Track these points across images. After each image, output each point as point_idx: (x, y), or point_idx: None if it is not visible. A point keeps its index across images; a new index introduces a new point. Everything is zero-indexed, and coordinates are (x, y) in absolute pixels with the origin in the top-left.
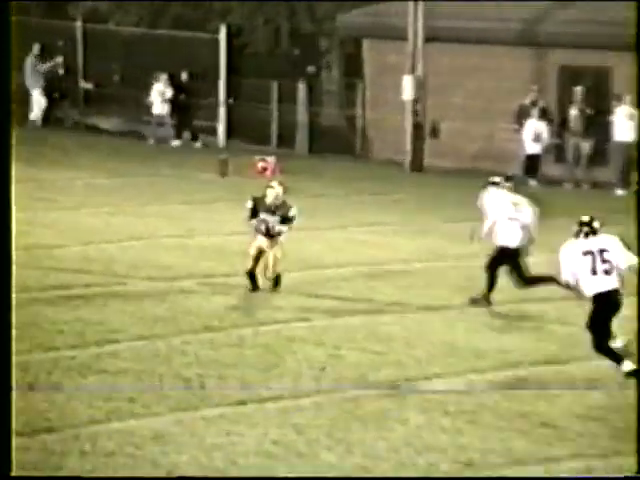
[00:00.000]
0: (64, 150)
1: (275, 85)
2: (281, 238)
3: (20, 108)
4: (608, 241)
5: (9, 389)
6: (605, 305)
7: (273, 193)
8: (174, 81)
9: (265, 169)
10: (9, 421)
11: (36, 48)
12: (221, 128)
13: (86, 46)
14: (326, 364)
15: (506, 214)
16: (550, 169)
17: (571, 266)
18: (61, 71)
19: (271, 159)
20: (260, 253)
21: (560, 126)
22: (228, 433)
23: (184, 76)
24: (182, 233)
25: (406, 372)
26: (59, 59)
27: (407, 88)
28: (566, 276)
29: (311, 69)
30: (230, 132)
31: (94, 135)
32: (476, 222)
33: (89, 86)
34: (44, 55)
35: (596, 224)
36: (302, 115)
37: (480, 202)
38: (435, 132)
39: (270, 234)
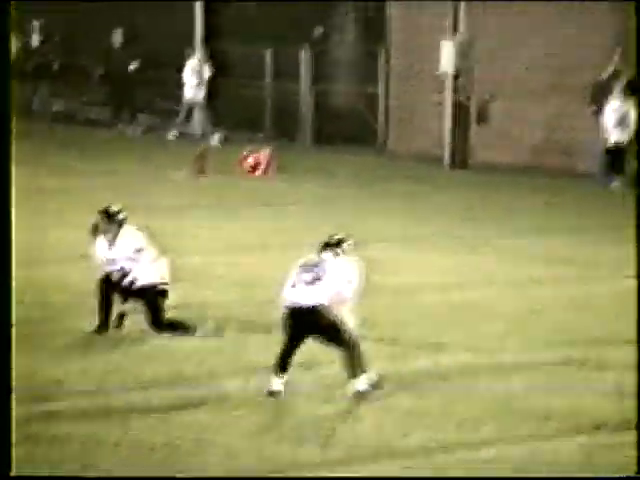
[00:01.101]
0: None
1: (269, 53)
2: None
3: None
4: (335, 265)
5: (9, 388)
6: (293, 323)
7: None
8: (108, 47)
9: (257, 166)
10: (9, 421)
11: None
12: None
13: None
14: (337, 427)
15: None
16: None
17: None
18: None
19: (264, 152)
20: None
21: None
22: None
23: (117, 38)
24: None
25: (444, 437)
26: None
27: (446, 57)
28: (285, 293)
29: (318, 32)
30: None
31: (37, 122)
32: (538, 236)
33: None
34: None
35: (346, 245)
36: (305, 93)
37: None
38: (483, 116)
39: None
